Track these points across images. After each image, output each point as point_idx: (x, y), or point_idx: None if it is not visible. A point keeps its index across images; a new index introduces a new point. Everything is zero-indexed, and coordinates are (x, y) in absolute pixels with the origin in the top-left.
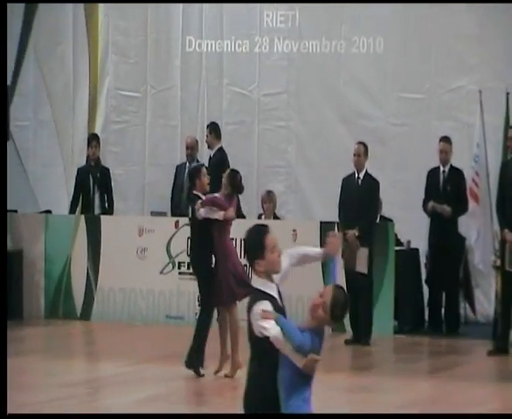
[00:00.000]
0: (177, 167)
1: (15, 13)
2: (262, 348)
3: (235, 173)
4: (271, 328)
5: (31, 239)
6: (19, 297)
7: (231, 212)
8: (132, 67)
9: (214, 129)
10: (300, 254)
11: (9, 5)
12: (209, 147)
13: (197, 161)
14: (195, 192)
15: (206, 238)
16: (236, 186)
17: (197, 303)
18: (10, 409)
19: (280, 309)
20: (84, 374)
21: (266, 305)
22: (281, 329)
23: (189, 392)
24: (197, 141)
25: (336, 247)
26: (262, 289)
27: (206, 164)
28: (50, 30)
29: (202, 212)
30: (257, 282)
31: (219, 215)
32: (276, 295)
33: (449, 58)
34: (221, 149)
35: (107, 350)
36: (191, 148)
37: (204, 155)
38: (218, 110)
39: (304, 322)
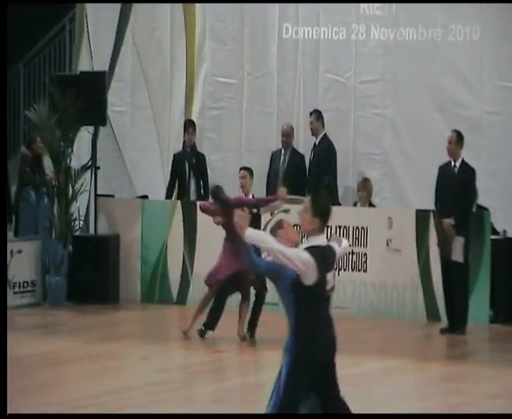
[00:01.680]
0: (273, 153)
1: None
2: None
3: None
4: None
5: (127, 224)
6: (116, 281)
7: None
8: (229, 54)
9: (320, 116)
10: None
11: None
12: (313, 133)
13: (293, 149)
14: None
15: None
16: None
17: None
18: (103, 392)
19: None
20: (180, 358)
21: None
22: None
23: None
24: (292, 128)
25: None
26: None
27: (304, 151)
28: (147, 16)
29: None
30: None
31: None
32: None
33: None
34: (326, 137)
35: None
36: (287, 135)
37: (300, 142)
38: (314, 97)
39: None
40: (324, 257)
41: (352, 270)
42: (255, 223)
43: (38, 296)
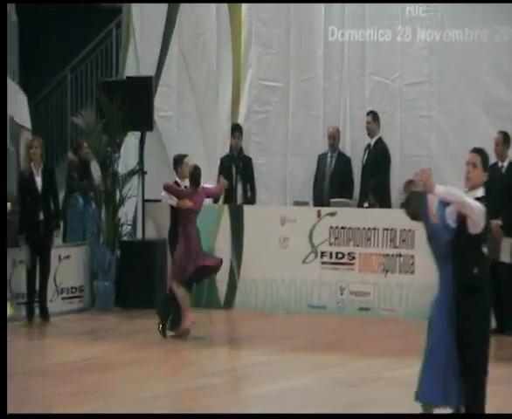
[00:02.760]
0: (319, 156)
1: (161, 5)
2: None
3: (197, 169)
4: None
5: None
6: (163, 286)
7: (187, 203)
8: (274, 57)
9: (377, 117)
10: None
11: None
12: (369, 134)
13: (340, 152)
14: (176, 179)
15: (173, 223)
16: (194, 180)
17: (339, 292)
18: (150, 397)
19: None
20: (226, 362)
21: None
22: None
23: (332, 381)
24: (338, 131)
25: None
26: None
27: (351, 153)
28: (193, 21)
29: (162, 196)
30: None
31: (173, 201)
32: None
33: None
34: (381, 139)
35: (249, 339)
36: (333, 138)
37: (346, 144)
38: (361, 99)
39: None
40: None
41: (399, 272)
42: None
43: (86, 301)
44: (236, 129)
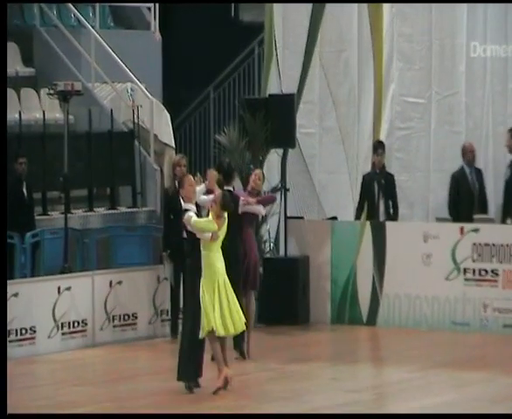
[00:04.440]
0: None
1: (303, 23)
2: None
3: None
4: None
5: (317, 245)
6: (306, 302)
7: None
8: (416, 73)
9: None
10: None
11: (293, 15)
12: (510, 151)
13: (475, 167)
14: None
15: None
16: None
17: (482, 309)
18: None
19: None
20: (370, 379)
21: None
22: None
23: (476, 398)
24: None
25: None
26: None
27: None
28: (335, 37)
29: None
30: None
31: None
32: None
33: None
34: None
35: (392, 355)
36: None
37: (489, 160)
38: (503, 115)
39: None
40: None
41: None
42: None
43: None
44: (378, 146)
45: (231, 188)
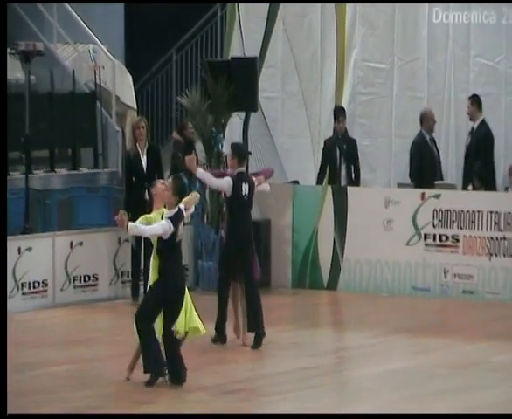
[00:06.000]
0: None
1: None
2: None
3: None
4: None
5: (278, 209)
6: (267, 266)
7: None
8: (379, 39)
9: (477, 101)
10: None
11: None
12: (471, 119)
13: (429, 134)
14: None
15: None
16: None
17: (443, 275)
18: (254, 377)
19: None
20: (330, 344)
21: None
22: None
23: (435, 364)
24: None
25: None
26: None
27: (456, 137)
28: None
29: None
30: None
31: None
32: None
33: None
34: (484, 122)
35: (353, 320)
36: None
37: (451, 127)
38: (465, 82)
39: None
40: None
41: (504, 255)
42: None
43: (191, 281)
44: (340, 113)
45: (243, 170)
